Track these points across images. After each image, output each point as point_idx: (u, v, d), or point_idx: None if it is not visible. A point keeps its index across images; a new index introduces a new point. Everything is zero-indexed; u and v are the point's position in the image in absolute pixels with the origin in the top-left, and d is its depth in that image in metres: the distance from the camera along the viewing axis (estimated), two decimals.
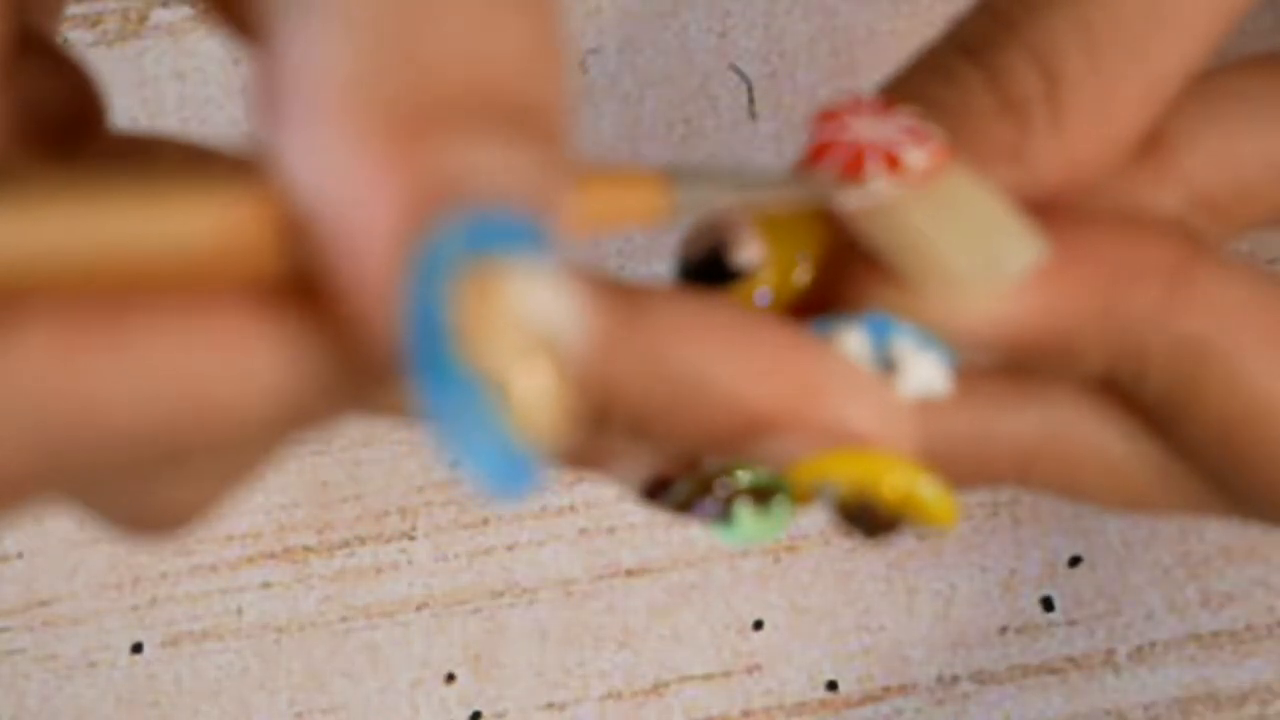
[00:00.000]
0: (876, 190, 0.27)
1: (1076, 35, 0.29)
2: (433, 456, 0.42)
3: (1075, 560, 0.41)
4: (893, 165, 0.27)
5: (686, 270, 0.29)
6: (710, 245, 0.28)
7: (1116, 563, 0.41)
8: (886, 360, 0.28)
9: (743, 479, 0.28)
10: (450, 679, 0.42)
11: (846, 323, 0.28)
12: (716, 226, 0.28)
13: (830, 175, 0.27)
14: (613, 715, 0.42)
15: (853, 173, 0.27)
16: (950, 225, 0.27)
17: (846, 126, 0.28)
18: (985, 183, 0.28)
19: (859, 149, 0.27)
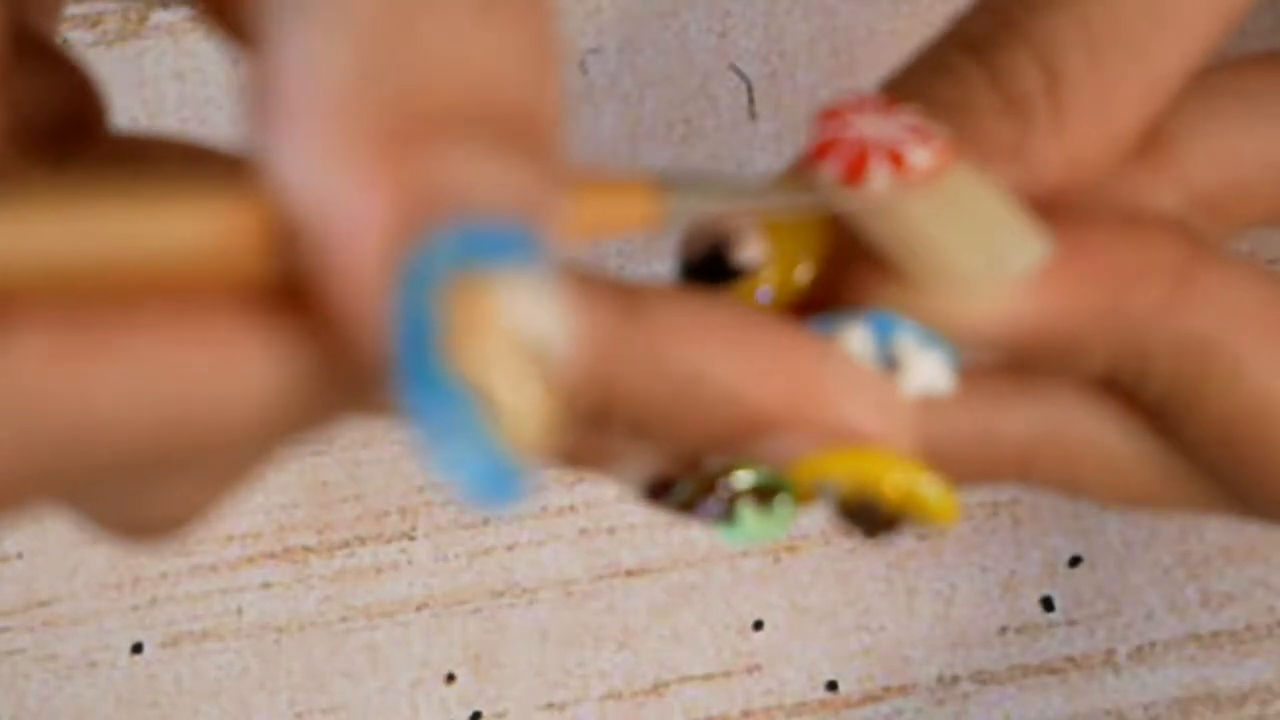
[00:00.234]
0: (879, 189, 0.27)
1: (1077, 34, 0.29)
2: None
3: (1075, 560, 0.41)
4: (897, 164, 0.27)
5: (687, 269, 0.29)
6: (711, 243, 0.28)
7: (1116, 563, 0.41)
8: (889, 358, 0.28)
9: (745, 479, 0.28)
10: (450, 679, 0.42)
11: (849, 321, 0.28)
12: (718, 225, 0.28)
13: (826, 181, 0.27)
14: (613, 715, 0.42)
15: (857, 171, 0.27)
16: (954, 223, 0.27)
17: (850, 124, 0.28)
18: (989, 181, 0.28)
19: (863, 147, 0.27)
